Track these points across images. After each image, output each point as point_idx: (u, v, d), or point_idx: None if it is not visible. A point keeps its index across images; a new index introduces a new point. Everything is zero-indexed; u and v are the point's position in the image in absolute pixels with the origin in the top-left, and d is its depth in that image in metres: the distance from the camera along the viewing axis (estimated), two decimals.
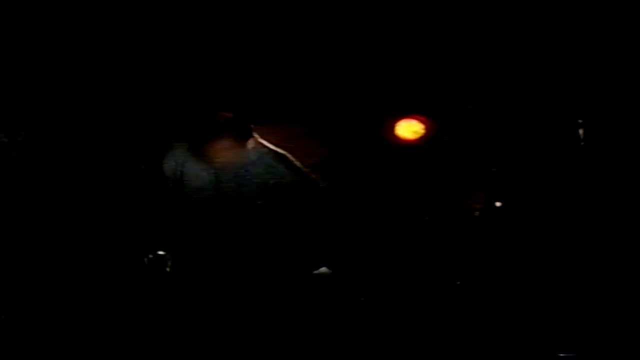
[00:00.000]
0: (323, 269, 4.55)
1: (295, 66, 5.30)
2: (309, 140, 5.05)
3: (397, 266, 4.87)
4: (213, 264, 4.36)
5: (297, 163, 4.43)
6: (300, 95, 5.35)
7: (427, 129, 5.40)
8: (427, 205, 5.20)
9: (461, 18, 5.23)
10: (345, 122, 5.28)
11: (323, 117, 5.31)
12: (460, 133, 5.44)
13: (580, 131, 5.20)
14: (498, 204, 5.18)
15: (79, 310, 4.86)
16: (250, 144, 4.33)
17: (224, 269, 4.33)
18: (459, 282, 4.86)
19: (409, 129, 5.42)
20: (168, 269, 5.12)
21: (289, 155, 4.38)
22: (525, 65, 5.30)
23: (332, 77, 5.33)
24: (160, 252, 5.11)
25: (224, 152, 4.31)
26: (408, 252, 4.97)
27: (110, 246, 5.12)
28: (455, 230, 5.14)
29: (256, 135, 4.36)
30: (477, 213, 5.22)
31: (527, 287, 4.86)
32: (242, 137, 4.32)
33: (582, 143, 5.19)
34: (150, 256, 5.08)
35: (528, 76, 5.32)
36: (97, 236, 5.16)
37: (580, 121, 5.21)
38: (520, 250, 5.00)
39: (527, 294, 4.83)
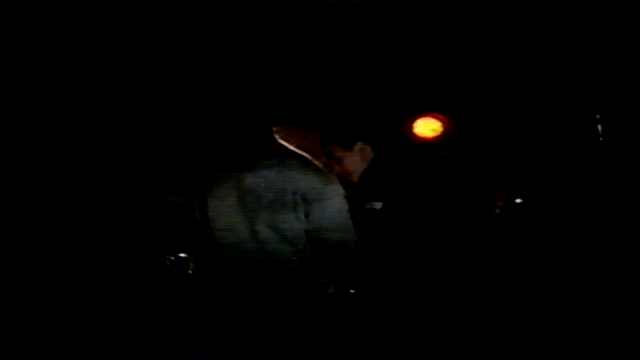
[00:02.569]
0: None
1: (315, 66, 5.31)
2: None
3: (416, 265, 4.86)
4: (234, 267, 4.34)
5: (318, 164, 4.41)
6: (319, 95, 5.36)
7: (445, 127, 5.41)
8: (448, 204, 5.20)
9: (480, 17, 5.24)
10: (364, 121, 5.28)
11: (342, 117, 5.31)
12: (479, 131, 5.45)
13: (599, 126, 5.20)
14: (518, 200, 5.19)
15: (101, 310, 4.89)
16: (271, 146, 4.31)
17: (244, 272, 4.31)
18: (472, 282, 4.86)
19: (427, 127, 5.43)
20: (190, 272, 5.13)
21: (309, 157, 4.36)
22: (544, 63, 5.31)
23: (352, 76, 5.34)
24: (182, 255, 5.13)
25: (246, 154, 4.29)
26: (428, 251, 4.97)
27: (133, 248, 5.14)
28: (476, 228, 5.14)
29: (277, 137, 4.34)
30: (497, 210, 5.22)
31: (549, 284, 4.86)
32: (262, 139, 4.30)
33: (601, 138, 5.19)
34: (172, 258, 5.10)
35: (546, 74, 5.33)
36: (119, 238, 5.18)
37: (598, 117, 5.22)
38: (541, 247, 5.00)
39: (548, 291, 4.83)
